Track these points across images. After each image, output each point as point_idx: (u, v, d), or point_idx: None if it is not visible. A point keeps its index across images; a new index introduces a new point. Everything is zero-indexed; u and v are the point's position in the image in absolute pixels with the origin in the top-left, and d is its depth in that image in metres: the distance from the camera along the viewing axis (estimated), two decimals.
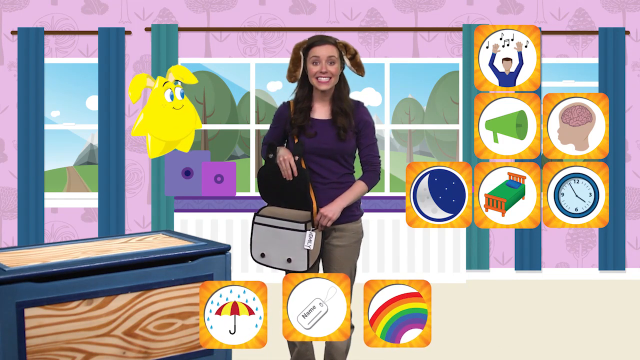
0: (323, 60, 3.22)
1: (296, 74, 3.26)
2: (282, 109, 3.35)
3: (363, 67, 3.30)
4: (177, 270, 2.57)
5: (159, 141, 3.79)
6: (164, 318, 2.54)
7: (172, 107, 3.77)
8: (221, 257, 2.66)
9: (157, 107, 3.75)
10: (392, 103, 6.62)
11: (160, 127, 3.75)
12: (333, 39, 3.28)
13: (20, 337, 2.25)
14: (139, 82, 3.69)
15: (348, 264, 3.25)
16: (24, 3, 6.32)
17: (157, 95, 3.76)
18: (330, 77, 3.24)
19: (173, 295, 2.55)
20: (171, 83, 3.81)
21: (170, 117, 3.78)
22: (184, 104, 3.82)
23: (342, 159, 3.24)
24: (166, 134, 3.77)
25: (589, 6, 6.37)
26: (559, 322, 4.91)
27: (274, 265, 3.15)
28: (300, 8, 6.36)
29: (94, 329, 2.40)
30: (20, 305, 2.25)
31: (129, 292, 2.46)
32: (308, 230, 3.11)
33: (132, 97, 3.66)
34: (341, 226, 3.25)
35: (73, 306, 2.35)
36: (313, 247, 3.11)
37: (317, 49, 3.24)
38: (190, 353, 2.61)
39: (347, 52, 3.26)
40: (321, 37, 3.28)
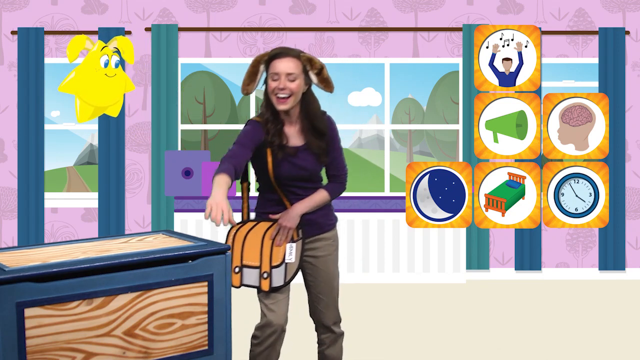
0: (282, 75, 2.93)
1: (249, 87, 2.99)
2: (256, 130, 2.99)
3: (331, 83, 3.00)
4: (177, 270, 2.57)
5: (88, 106, 3.78)
6: (164, 318, 2.54)
7: (105, 74, 3.76)
8: (221, 257, 2.66)
9: (90, 70, 3.74)
10: (392, 103, 6.62)
11: (89, 91, 3.73)
12: (296, 52, 2.98)
13: (20, 337, 2.25)
14: (78, 43, 3.67)
15: (335, 271, 3.20)
16: (24, 3, 6.32)
17: (92, 58, 3.75)
18: (289, 94, 2.94)
19: (173, 295, 2.56)
20: (109, 49, 3.80)
21: (101, 82, 3.76)
22: (116, 73, 3.81)
23: (317, 176, 3.13)
24: (94, 99, 3.75)
25: (589, 6, 6.37)
26: (559, 322, 4.91)
27: (246, 282, 3.03)
28: (300, 8, 6.36)
29: (94, 329, 2.40)
30: (20, 305, 2.25)
31: (129, 292, 2.46)
32: (288, 243, 3.02)
33: (69, 57, 3.65)
34: (320, 236, 3.14)
35: (73, 306, 2.35)
36: (294, 260, 3.03)
37: (277, 63, 2.95)
38: (190, 353, 2.61)
39: (312, 67, 2.97)
40: (282, 49, 2.99)
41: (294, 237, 3.04)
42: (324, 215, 3.15)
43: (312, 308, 3.20)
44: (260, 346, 3.02)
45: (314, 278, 3.15)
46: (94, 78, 3.74)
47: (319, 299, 3.15)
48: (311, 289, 3.16)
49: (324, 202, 3.10)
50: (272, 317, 2.99)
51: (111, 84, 3.79)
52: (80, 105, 3.77)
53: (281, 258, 3.01)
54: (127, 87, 3.92)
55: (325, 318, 3.17)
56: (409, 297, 5.66)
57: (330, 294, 3.16)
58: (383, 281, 6.14)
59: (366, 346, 4.38)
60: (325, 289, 3.15)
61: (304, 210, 3.04)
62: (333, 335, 3.20)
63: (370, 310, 5.29)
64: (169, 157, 6.10)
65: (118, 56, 3.80)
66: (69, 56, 3.64)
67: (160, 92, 6.28)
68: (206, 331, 2.64)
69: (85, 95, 3.72)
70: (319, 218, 3.12)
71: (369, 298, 5.64)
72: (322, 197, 3.09)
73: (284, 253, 3.02)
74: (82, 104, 3.76)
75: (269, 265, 3.00)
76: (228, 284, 2.68)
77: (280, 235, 3.00)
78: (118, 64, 3.81)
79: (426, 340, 4.51)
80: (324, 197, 3.10)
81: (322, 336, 3.20)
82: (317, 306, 3.16)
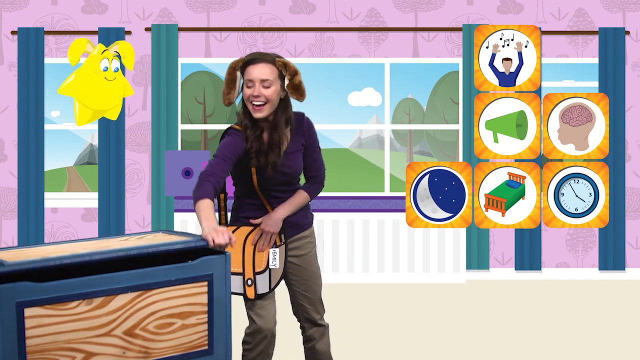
0: (256, 82, 2.82)
1: (230, 96, 2.87)
2: (237, 140, 2.88)
3: (303, 91, 2.87)
4: (177, 270, 2.57)
5: (87, 109, 3.77)
6: (164, 318, 2.54)
7: (104, 78, 3.75)
8: (221, 257, 2.66)
9: (90, 74, 3.73)
10: (392, 103, 6.62)
11: (88, 94, 3.73)
12: (271, 57, 2.86)
13: (20, 337, 2.25)
14: (79, 46, 3.66)
15: (317, 266, 3.18)
16: (24, 3, 6.32)
17: (92, 61, 3.74)
18: (264, 102, 2.83)
19: (173, 295, 2.56)
20: (110, 53, 3.80)
21: (100, 86, 3.75)
22: (116, 77, 3.81)
23: (298, 177, 3.07)
24: (94, 102, 3.74)
25: (589, 6, 6.37)
26: (559, 322, 4.91)
27: (232, 290, 2.96)
28: (300, 8, 6.36)
29: (94, 328, 2.40)
30: (20, 305, 2.25)
31: (129, 292, 2.46)
32: (271, 248, 2.98)
33: (70, 60, 3.65)
34: (299, 235, 3.10)
35: (73, 306, 2.35)
36: (279, 265, 2.99)
37: (251, 69, 2.83)
38: (190, 353, 2.61)
39: (287, 72, 2.84)
40: (257, 55, 2.86)
41: (276, 242, 3.00)
42: (302, 215, 3.11)
43: (296, 306, 3.16)
44: (252, 351, 3.01)
45: (298, 277, 3.11)
46: (93, 81, 3.74)
47: (305, 296, 3.12)
48: (294, 287, 3.12)
49: (304, 203, 3.05)
50: (261, 323, 2.97)
51: (110, 87, 3.79)
52: (79, 108, 3.77)
53: (264, 264, 2.97)
54: (126, 92, 3.92)
55: (312, 313, 3.14)
56: (409, 297, 5.66)
57: (316, 291, 3.14)
58: (383, 281, 6.14)
59: (366, 346, 4.38)
60: (311, 286, 3.12)
61: (286, 214, 2.99)
62: (321, 329, 3.18)
63: (370, 310, 5.29)
64: (169, 157, 6.10)
65: (118, 60, 3.80)
66: (71, 59, 3.64)
67: (160, 92, 6.28)
68: (206, 331, 2.64)
69: (84, 98, 3.72)
70: (298, 218, 3.08)
71: (369, 298, 5.64)
72: (303, 198, 3.04)
73: (267, 259, 2.98)
74: (81, 107, 3.76)
75: (252, 271, 2.96)
76: (228, 284, 2.68)
77: (263, 240, 2.96)
78: (118, 69, 3.81)
79: (426, 340, 4.51)
80: (305, 199, 3.05)
81: (310, 331, 3.16)
82: (302, 304, 3.13)
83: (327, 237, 6.14)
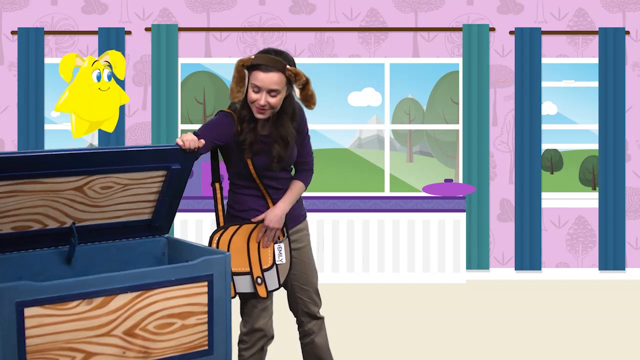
0: (264, 91, 2.80)
1: (239, 94, 2.84)
2: (228, 122, 2.90)
3: (314, 100, 2.87)
4: (177, 270, 2.57)
5: (83, 121, 3.77)
6: (164, 318, 2.55)
7: (98, 88, 3.75)
8: (221, 257, 2.67)
9: (83, 87, 3.73)
10: (392, 103, 6.62)
11: (84, 107, 3.72)
12: (282, 65, 2.81)
13: (20, 337, 2.25)
14: (69, 62, 3.66)
15: (313, 259, 3.18)
16: (24, 3, 6.32)
17: (84, 74, 3.74)
18: (269, 108, 2.84)
19: (173, 295, 2.56)
20: (100, 63, 3.79)
21: (95, 97, 3.74)
22: (110, 86, 3.80)
23: (289, 166, 3.06)
24: (90, 114, 3.74)
25: (589, 6, 6.37)
26: (559, 322, 4.91)
27: (241, 290, 2.95)
28: (300, 8, 6.36)
29: (94, 328, 2.40)
30: (20, 305, 2.25)
31: (129, 292, 2.46)
32: (276, 243, 2.97)
33: (64, 77, 3.65)
34: (296, 228, 3.10)
35: (73, 306, 2.35)
36: (285, 260, 2.98)
37: (261, 75, 2.79)
38: (190, 353, 2.61)
39: (297, 81, 2.82)
40: (269, 61, 2.80)
41: (279, 237, 3.00)
42: (298, 207, 3.11)
43: (293, 301, 3.15)
44: (249, 350, 3.01)
45: (296, 270, 3.10)
46: (87, 94, 3.74)
47: (303, 289, 3.12)
48: (293, 281, 3.11)
49: (301, 193, 3.06)
50: (262, 323, 2.98)
51: (105, 97, 3.79)
52: (76, 121, 3.77)
53: (270, 260, 2.97)
54: (121, 100, 3.91)
55: (311, 306, 3.13)
56: (409, 297, 5.66)
57: (313, 283, 3.14)
58: (383, 281, 6.13)
59: (366, 346, 4.38)
60: (308, 279, 3.12)
61: (288, 208, 2.99)
62: (319, 321, 3.17)
63: (370, 310, 5.29)
64: None
65: (110, 69, 3.80)
66: (64, 76, 3.64)
67: (160, 92, 6.28)
68: (206, 331, 2.64)
69: (81, 111, 3.72)
70: (294, 210, 3.08)
71: (369, 298, 5.64)
72: (299, 189, 3.05)
73: (273, 255, 2.97)
74: (77, 119, 3.76)
75: (259, 269, 2.96)
76: (228, 284, 2.68)
77: (267, 237, 2.95)
78: (110, 77, 3.80)
79: (426, 340, 4.51)
80: (302, 189, 3.06)
81: (309, 325, 3.15)
82: (301, 297, 3.12)
83: (327, 237, 6.14)
